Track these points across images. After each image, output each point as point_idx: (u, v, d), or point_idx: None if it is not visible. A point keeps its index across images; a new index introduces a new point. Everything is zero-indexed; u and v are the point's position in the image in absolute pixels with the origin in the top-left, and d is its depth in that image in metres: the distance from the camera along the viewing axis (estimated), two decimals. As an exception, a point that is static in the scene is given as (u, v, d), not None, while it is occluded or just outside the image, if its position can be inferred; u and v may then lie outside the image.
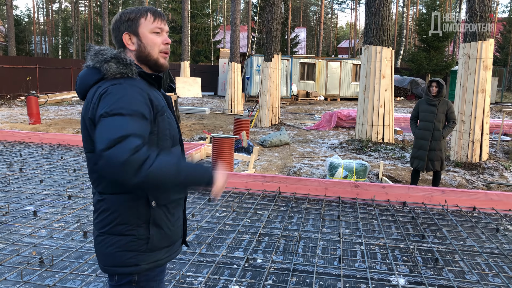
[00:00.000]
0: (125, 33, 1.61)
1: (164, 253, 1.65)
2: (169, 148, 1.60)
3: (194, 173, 1.44)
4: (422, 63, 24.49)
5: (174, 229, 1.67)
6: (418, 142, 5.66)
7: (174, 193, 1.60)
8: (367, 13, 8.66)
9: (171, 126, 1.62)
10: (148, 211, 1.56)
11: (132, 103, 1.42)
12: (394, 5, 54.34)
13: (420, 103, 5.66)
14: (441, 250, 3.87)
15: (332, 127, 12.51)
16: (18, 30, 41.58)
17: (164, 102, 1.63)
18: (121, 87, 1.46)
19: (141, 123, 1.41)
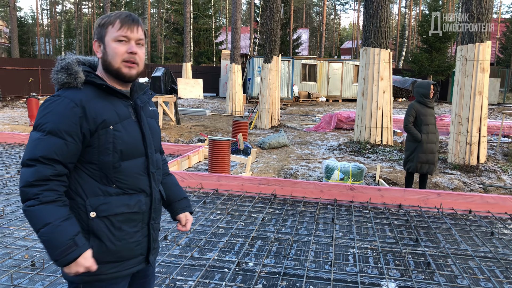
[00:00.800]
0: (94, 40, 1.62)
1: (109, 268, 1.57)
2: (114, 162, 1.54)
3: (48, 243, 1.43)
4: (424, 64, 24.41)
5: (122, 245, 1.57)
6: (427, 146, 5.51)
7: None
8: (365, 15, 8.66)
9: (118, 139, 1.54)
10: (87, 221, 1.53)
11: (55, 121, 1.46)
12: (396, 5, 54.22)
13: (420, 107, 5.50)
14: (433, 254, 3.86)
15: (332, 128, 12.50)
16: (22, 31, 41.80)
17: (118, 113, 1.56)
18: (54, 101, 1.50)
19: (57, 144, 1.46)
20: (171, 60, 37.94)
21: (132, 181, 1.60)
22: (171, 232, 4.17)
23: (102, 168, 1.53)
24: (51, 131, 1.46)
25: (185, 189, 5.68)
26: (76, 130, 1.48)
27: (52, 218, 1.42)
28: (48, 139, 1.45)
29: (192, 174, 5.81)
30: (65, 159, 1.48)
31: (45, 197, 1.43)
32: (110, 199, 1.55)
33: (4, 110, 15.26)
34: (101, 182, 1.54)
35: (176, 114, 12.21)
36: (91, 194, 1.53)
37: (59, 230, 1.42)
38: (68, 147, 1.47)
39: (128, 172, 1.58)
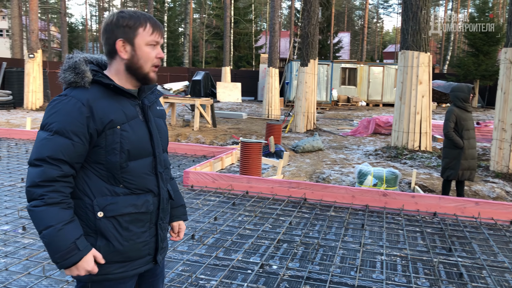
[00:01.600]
0: (119, 40, 1.55)
1: (116, 268, 1.56)
2: (121, 163, 1.53)
3: (49, 246, 1.43)
4: (470, 69, 23.42)
5: (129, 245, 1.57)
6: (469, 152, 5.28)
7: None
8: (403, 17, 8.43)
9: (125, 139, 1.53)
10: (94, 220, 1.52)
11: (62, 121, 1.46)
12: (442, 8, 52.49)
13: (460, 112, 5.27)
14: (467, 264, 3.69)
15: (370, 133, 12.24)
16: (72, 37, 43.88)
17: (126, 113, 1.56)
18: (62, 101, 1.50)
19: (63, 144, 1.46)
20: (212, 64, 38.55)
21: (140, 181, 1.59)
22: (199, 231, 4.23)
23: (110, 169, 1.53)
24: (58, 131, 1.46)
25: (215, 190, 5.75)
26: (83, 130, 1.48)
27: (55, 220, 1.42)
28: (55, 139, 1.46)
29: (223, 175, 5.87)
30: (72, 160, 1.48)
31: (50, 198, 1.43)
32: (118, 199, 1.54)
33: (52, 111, 16.03)
34: (108, 182, 1.54)
35: (213, 117, 12.38)
36: (99, 194, 1.53)
37: (61, 233, 1.42)
38: (75, 147, 1.47)
39: (136, 172, 1.57)
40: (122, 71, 1.60)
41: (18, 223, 4.28)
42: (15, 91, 16.57)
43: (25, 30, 25.30)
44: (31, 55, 15.63)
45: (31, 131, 9.66)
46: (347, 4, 59.72)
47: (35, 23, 15.75)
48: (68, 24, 39.14)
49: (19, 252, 3.61)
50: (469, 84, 5.37)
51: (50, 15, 50.56)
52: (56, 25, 51.43)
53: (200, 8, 49.91)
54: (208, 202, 5.27)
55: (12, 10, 19.79)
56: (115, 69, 1.61)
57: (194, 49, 50.10)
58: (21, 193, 5.36)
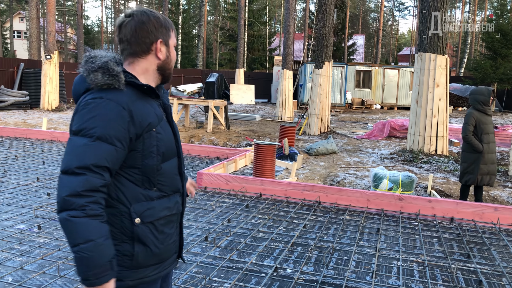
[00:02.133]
0: (160, 40, 1.55)
1: (151, 270, 1.58)
2: (156, 165, 1.52)
3: (85, 261, 1.33)
4: (488, 72, 23.05)
5: (164, 247, 1.59)
6: (489, 157, 5.18)
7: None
8: (420, 19, 8.32)
9: (160, 141, 1.53)
10: (132, 227, 1.49)
11: (104, 126, 1.38)
12: (459, 10, 51.85)
13: (479, 116, 5.17)
14: (487, 272, 3.60)
15: (385, 136, 12.11)
16: (88, 38, 44.47)
17: (157, 115, 1.55)
18: (100, 104, 1.41)
19: (107, 151, 1.38)
20: (225, 66, 38.66)
21: (170, 182, 1.60)
22: (212, 233, 4.21)
23: (146, 172, 1.50)
24: (100, 136, 1.38)
25: (229, 192, 5.73)
26: (125, 135, 1.42)
27: (96, 235, 1.34)
28: (98, 145, 1.37)
29: (236, 177, 5.84)
30: (114, 167, 1.42)
31: (91, 210, 1.34)
32: (153, 203, 1.53)
33: (68, 112, 16.23)
34: (142, 187, 1.51)
35: (226, 119, 12.38)
36: (134, 200, 1.50)
37: (101, 249, 1.34)
38: (118, 153, 1.41)
39: (167, 174, 1.58)
40: (151, 70, 1.58)
41: (34, 222, 4.31)
42: (32, 92, 16.83)
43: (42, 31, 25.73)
44: (48, 56, 15.86)
45: (47, 131, 9.78)
46: (362, 6, 59.38)
47: (52, 25, 15.98)
48: (84, 26, 39.67)
49: (34, 251, 3.63)
50: (489, 87, 5.26)
51: (66, 17, 51.34)
52: (72, 27, 52.21)
53: (215, 10, 50.14)
54: (222, 204, 5.25)
55: (30, 12, 20.11)
56: (143, 69, 1.57)
57: (208, 51, 50.32)
58: (36, 192, 5.42)
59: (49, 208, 4.77)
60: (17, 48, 48.55)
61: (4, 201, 4.99)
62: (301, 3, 54.48)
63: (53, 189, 5.58)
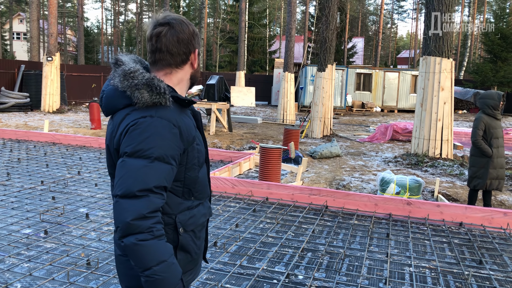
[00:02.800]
0: (196, 49, 1.53)
1: (188, 275, 1.60)
2: (196, 176, 1.53)
3: (159, 283, 1.31)
4: (488, 75, 23.11)
5: (200, 252, 1.63)
6: (498, 161, 5.16)
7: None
8: (426, 23, 8.31)
9: (200, 153, 1.53)
10: (176, 237, 1.50)
11: (160, 145, 1.35)
12: (459, 13, 51.98)
13: (489, 120, 5.15)
14: (500, 278, 3.56)
15: (387, 140, 12.09)
16: (88, 40, 44.39)
17: (194, 125, 1.54)
18: (152, 123, 1.36)
19: (166, 171, 1.37)
20: (225, 69, 38.65)
21: (204, 189, 1.61)
22: (221, 238, 4.16)
23: (187, 184, 1.50)
24: (158, 157, 1.35)
25: (235, 196, 5.68)
26: (178, 153, 1.41)
27: (167, 255, 1.33)
28: (157, 166, 1.35)
29: (243, 181, 5.80)
30: (170, 185, 1.42)
31: (158, 230, 1.32)
32: (194, 212, 1.55)
33: (69, 114, 16.18)
34: (183, 197, 1.51)
35: (229, 121, 12.34)
36: (177, 210, 1.50)
37: (173, 268, 1.34)
38: (173, 171, 1.41)
39: (202, 181, 1.59)
40: (185, 80, 1.57)
41: (40, 227, 4.26)
42: (32, 94, 16.77)
43: (42, 33, 25.68)
44: (49, 58, 15.81)
45: (49, 134, 9.72)
46: (361, 9, 59.47)
47: (54, 27, 15.94)
48: (84, 28, 39.61)
49: (42, 256, 3.58)
50: (500, 92, 5.24)
51: (66, 18, 51.29)
52: (72, 28, 52.15)
53: (215, 12, 50.17)
54: (228, 208, 5.21)
55: (31, 13, 20.07)
56: (179, 79, 1.54)
57: (207, 53, 50.31)
58: (41, 196, 5.36)
59: (54, 212, 4.72)
60: (17, 50, 48.47)
61: (9, 205, 4.93)
62: (300, 6, 54.57)
63: (58, 192, 5.53)
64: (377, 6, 59.40)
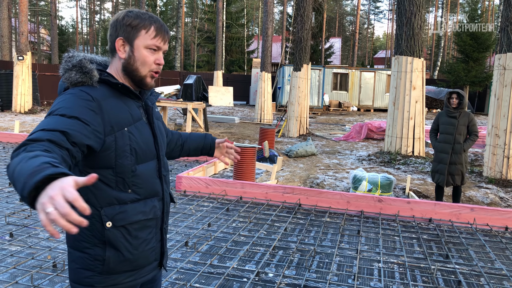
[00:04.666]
0: (119, 38, 1.49)
1: (126, 277, 1.52)
2: (130, 166, 1.47)
3: (16, 176, 1.06)
4: (460, 75, 23.66)
5: (138, 253, 1.53)
6: (438, 155, 5.42)
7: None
8: (397, 23, 8.45)
9: (133, 142, 1.48)
10: (102, 231, 1.45)
11: (68, 106, 1.35)
12: (432, 14, 53.08)
13: (440, 115, 5.44)
14: (465, 272, 3.65)
15: (362, 138, 12.25)
16: (62, 39, 43.49)
17: (132, 114, 1.50)
18: (70, 96, 1.40)
19: (68, 121, 1.29)
20: (203, 68, 38.46)
21: (147, 185, 1.54)
22: (192, 238, 4.13)
23: (120, 173, 1.46)
24: (63, 114, 1.32)
25: (209, 195, 5.66)
26: (91, 119, 1.35)
27: (18, 160, 1.10)
28: (60, 118, 1.30)
29: (216, 180, 5.78)
30: (75, 135, 1.28)
31: (32, 147, 1.16)
32: (126, 207, 1.48)
33: (41, 114, 15.81)
34: (116, 189, 1.46)
35: (205, 121, 12.28)
36: (105, 203, 1.45)
37: (33, 160, 1.08)
38: (81, 127, 1.31)
39: (144, 176, 1.52)
40: (119, 70, 1.54)
41: (5, 230, 4.14)
42: (3, 94, 16.32)
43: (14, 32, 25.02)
44: (20, 57, 15.41)
45: (19, 135, 9.47)
46: (339, 9, 60.10)
47: (24, 25, 15.54)
48: (58, 27, 38.80)
49: (6, 260, 3.48)
50: (456, 90, 5.42)
51: (40, 17, 50.13)
52: (46, 27, 51.00)
53: (192, 12, 49.86)
54: (202, 208, 5.18)
55: (2, 11, 19.54)
56: (114, 68, 1.55)
57: (185, 52, 49.97)
58: (8, 198, 5.22)
59: (21, 214, 4.60)
60: (-12, 49, 47.08)
61: (-26, 208, 4.79)
62: (278, 6, 54.77)
63: (26, 194, 5.39)
64: (354, 7, 60.14)
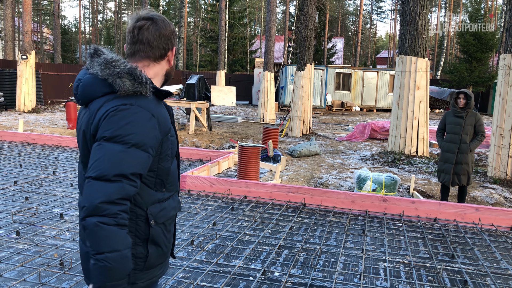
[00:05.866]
0: (174, 47, 1.60)
1: (158, 269, 1.61)
2: (169, 167, 1.56)
3: (107, 271, 1.28)
4: (463, 75, 23.62)
5: (169, 245, 1.65)
6: (444, 155, 5.43)
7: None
8: (402, 22, 8.45)
9: (173, 144, 1.57)
10: (147, 229, 1.51)
11: (139, 133, 1.37)
12: (435, 14, 52.97)
13: (447, 115, 5.46)
14: (471, 272, 3.65)
15: (366, 138, 12.24)
16: (65, 39, 43.53)
17: (168, 117, 1.57)
18: (132, 111, 1.38)
19: (142, 158, 1.38)
20: (206, 68, 38.48)
21: (175, 182, 1.64)
22: (198, 237, 4.14)
23: (160, 175, 1.52)
24: (136, 144, 1.36)
25: (213, 194, 5.67)
26: (156, 143, 1.43)
27: (123, 246, 1.31)
28: (134, 152, 1.36)
29: (221, 179, 5.79)
30: (145, 173, 1.43)
31: (122, 219, 1.32)
32: (165, 204, 1.57)
33: (45, 113, 15.85)
34: (154, 189, 1.52)
35: (208, 121, 12.30)
36: (149, 202, 1.51)
37: (124, 261, 1.32)
38: (149, 160, 1.42)
39: (174, 174, 1.62)
40: (161, 75, 1.61)
41: (12, 228, 4.16)
42: (7, 93, 16.36)
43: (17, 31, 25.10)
44: (24, 56, 15.45)
45: (23, 133, 9.50)
46: (341, 9, 60.05)
47: (28, 24, 15.58)
48: (61, 26, 38.88)
49: (13, 257, 3.50)
50: (463, 90, 5.45)
51: (43, 16, 50.24)
52: (49, 27, 51.08)
53: (195, 11, 49.88)
54: (206, 207, 5.19)
55: (5, 11, 19.59)
56: (155, 73, 1.58)
57: (188, 52, 50.00)
58: (14, 196, 5.24)
59: (27, 212, 4.62)
60: (-9, 48, 47.15)
61: (-20, 206, 4.81)
62: (281, 6, 54.75)
63: (32, 193, 5.42)
64: (356, 7, 60.08)
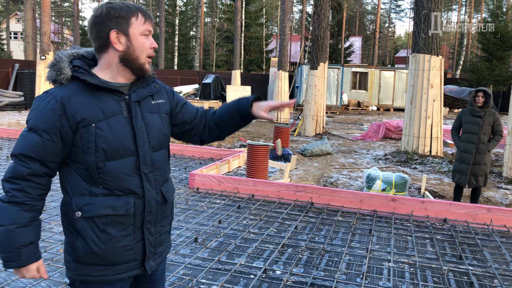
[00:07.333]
0: (113, 31, 1.48)
1: (95, 270, 1.52)
2: (97, 162, 1.46)
3: (2, 238, 1.43)
4: (483, 74, 23.08)
5: (107, 248, 1.50)
6: (461, 155, 5.27)
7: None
8: (415, 20, 8.31)
9: (100, 138, 1.45)
10: (72, 219, 1.50)
11: (36, 117, 1.45)
12: (456, 12, 52.01)
13: (464, 114, 5.29)
14: (478, 273, 3.56)
15: (380, 138, 12.09)
16: (84, 39, 44.26)
17: (103, 110, 1.47)
18: (41, 97, 1.48)
19: (33, 141, 1.44)
20: (222, 68, 38.61)
21: (119, 182, 1.50)
22: (202, 234, 4.16)
23: (87, 168, 1.47)
24: (31, 127, 1.45)
25: (221, 192, 5.68)
26: (53, 128, 1.43)
27: (9, 221, 1.42)
28: (28, 135, 1.45)
29: (229, 178, 5.79)
30: (42, 157, 1.45)
31: (13, 197, 1.42)
32: (95, 199, 1.48)
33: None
34: (88, 182, 1.49)
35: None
36: (78, 193, 1.49)
37: (10, 235, 1.42)
38: (45, 144, 1.44)
39: (114, 173, 1.48)
40: (115, 63, 1.52)
41: (21, 223, 4.25)
42: (26, 93, 16.75)
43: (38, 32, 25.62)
44: (42, 57, 15.78)
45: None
46: (359, 8, 59.49)
47: (47, 25, 15.90)
48: (80, 27, 39.55)
49: (20, 252, 3.57)
50: (482, 88, 5.29)
51: (64, 18, 51.21)
52: (69, 28, 52.06)
53: (212, 12, 50.12)
54: (213, 204, 5.21)
55: (26, 12, 20.04)
56: (106, 63, 1.53)
57: (205, 52, 50.27)
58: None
59: (37, 209, 4.71)
60: (14, 49, 48.29)
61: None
62: (298, 5, 54.58)
63: (43, 190, 5.52)
64: (375, 5, 59.42)
